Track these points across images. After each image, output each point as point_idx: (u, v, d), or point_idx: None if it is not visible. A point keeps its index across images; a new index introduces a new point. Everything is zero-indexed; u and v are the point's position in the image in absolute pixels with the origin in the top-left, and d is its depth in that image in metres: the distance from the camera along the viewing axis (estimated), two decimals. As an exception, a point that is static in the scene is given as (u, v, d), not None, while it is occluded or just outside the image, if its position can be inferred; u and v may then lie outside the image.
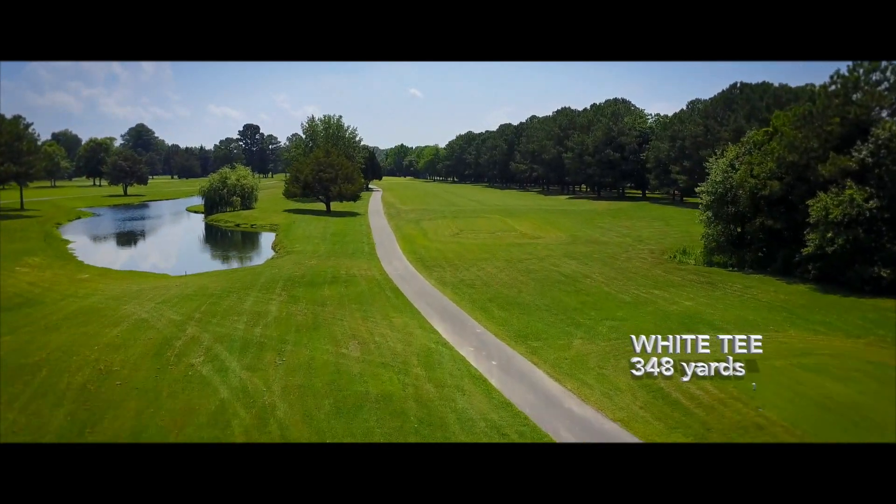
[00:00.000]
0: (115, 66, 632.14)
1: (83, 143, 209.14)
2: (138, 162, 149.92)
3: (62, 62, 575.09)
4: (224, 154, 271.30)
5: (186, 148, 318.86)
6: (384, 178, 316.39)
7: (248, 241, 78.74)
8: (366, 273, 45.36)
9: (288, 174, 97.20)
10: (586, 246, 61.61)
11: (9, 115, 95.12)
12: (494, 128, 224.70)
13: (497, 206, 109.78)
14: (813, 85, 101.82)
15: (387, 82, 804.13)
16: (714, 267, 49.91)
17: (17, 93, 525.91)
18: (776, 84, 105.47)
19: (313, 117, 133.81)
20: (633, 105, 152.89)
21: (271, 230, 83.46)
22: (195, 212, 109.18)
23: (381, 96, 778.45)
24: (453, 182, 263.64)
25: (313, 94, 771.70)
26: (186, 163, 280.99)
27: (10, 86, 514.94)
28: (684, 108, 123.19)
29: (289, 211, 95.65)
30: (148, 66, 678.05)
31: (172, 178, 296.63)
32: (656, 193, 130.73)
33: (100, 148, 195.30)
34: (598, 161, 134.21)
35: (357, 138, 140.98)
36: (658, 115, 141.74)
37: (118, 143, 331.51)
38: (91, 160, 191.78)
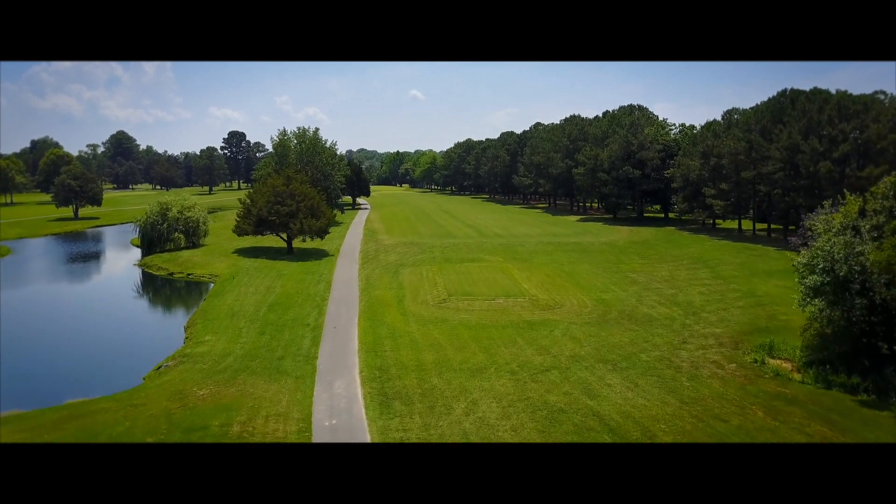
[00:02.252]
0: (117, 69, 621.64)
1: (46, 154, 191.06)
2: (90, 181, 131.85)
3: (63, 64, 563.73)
4: (205, 164, 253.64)
5: (169, 156, 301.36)
6: (380, 187, 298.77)
7: (165, 307, 60.23)
8: (275, 428, 27.20)
9: (241, 204, 78.69)
10: (623, 329, 43.57)
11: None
12: (498, 130, 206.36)
13: (498, 238, 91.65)
14: (883, 91, 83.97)
15: (388, 84, 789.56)
16: (834, 390, 31.93)
17: (19, 95, 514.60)
18: (831, 90, 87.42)
19: (284, 130, 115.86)
20: (652, 113, 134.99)
21: (210, 280, 65.58)
22: (139, 246, 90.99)
23: (382, 98, 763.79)
24: (452, 192, 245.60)
25: (315, 95, 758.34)
26: (167, 173, 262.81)
27: (11, 88, 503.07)
28: (718, 118, 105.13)
29: (240, 252, 77.47)
30: (149, 68, 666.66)
31: (155, 188, 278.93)
32: (684, 216, 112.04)
33: (61, 161, 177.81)
34: (614, 178, 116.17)
35: (337, 153, 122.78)
36: (683, 125, 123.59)
37: (100, 150, 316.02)
38: (52, 174, 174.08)
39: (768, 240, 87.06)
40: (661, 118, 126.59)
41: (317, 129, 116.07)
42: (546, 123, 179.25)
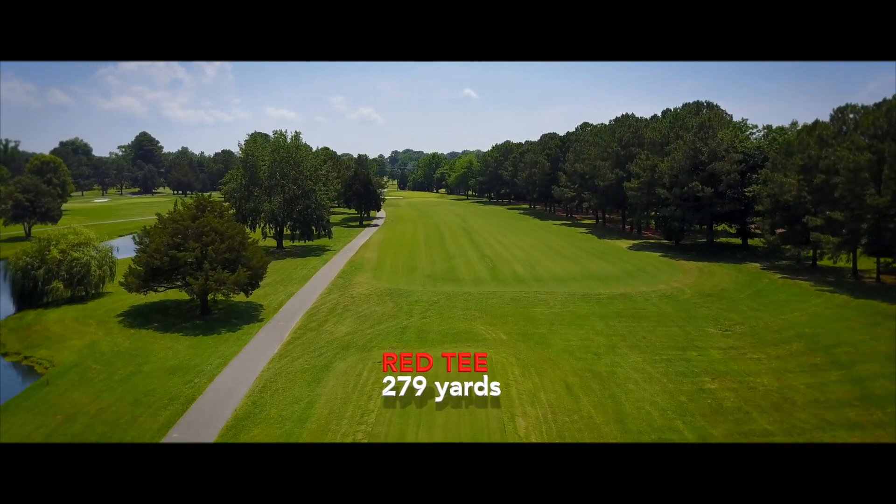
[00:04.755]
0: (179, 71, 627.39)
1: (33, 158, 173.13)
2: (43, 194, 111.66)
3: (128, 66, 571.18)
4: (219, 168, 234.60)
5: (192, 158, 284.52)
6: (414, 193, 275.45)
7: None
8: None
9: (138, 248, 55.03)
10: None
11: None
12: (551, 129, 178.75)
13: (515, 285, 66.24)
14: None
15: (441, 83, 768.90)
16: None
17: (87, 97, 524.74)
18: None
19: (255, 135, 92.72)
20: (725, 112, 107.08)
21: (43, 370, 42.57)
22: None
23: (435, 97, 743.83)
24: (488, 201, 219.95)
25: (369, 95, 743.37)
26: (185, 177, 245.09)
27: (80, 90, 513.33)
28: (823, 119, 76.97)
29: (132, 314, 53.98)
30: (209, 70, 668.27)
31: (175, 192, 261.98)
32: (782, 247, 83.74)
33: (47, 167, 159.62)
34: (677, 197, 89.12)
35: (323, 165, 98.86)
36: (769, 127, 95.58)
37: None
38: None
39: (909, 297, 59.23)
40: (739, 118, 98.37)
41: (297, 134, 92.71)
42: (595, 124, 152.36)
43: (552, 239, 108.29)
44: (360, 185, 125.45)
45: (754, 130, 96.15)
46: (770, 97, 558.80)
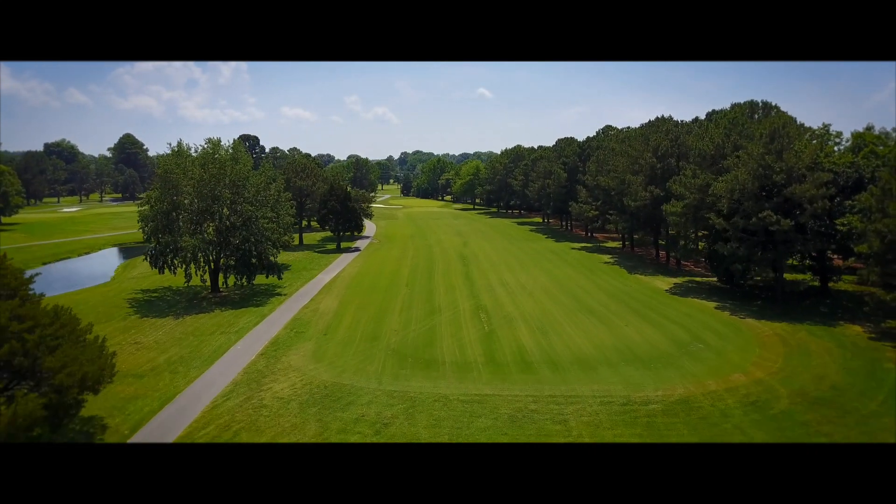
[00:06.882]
0: (195, 70, 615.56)
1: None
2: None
3: (145, 66, 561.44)
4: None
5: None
6: (417, 201, 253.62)
7: None
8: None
9: None
10: None
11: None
12: (568, 131, 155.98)
13: (523, 373, 43.94)
14: None
15: (455, 82, 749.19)
16: None
17: (104, 97, 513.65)
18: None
19: (180, 144, 70.77)
20: (793, 116, 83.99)
21: None
22: None
23: (449, 97, 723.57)
24: (496, 212, 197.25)
25: (383, 95, 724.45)
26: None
27: (97, 90, 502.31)
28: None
29: None
30: (225, 70, 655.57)
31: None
32: (871, 294, 60.21)
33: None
34: (740, 230, 66.12)
35: (272, 184, 76.53)
36: (860, 136, 72.10)
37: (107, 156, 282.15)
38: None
39: None
40: (818, 126, 74.78)
41: (237, 143, 70.83)
42: (620, 128, 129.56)
43: (571, 275, 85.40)
44: (336, 202, 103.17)
45: (839, 141, 72.75)
46: (771, 99, 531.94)
